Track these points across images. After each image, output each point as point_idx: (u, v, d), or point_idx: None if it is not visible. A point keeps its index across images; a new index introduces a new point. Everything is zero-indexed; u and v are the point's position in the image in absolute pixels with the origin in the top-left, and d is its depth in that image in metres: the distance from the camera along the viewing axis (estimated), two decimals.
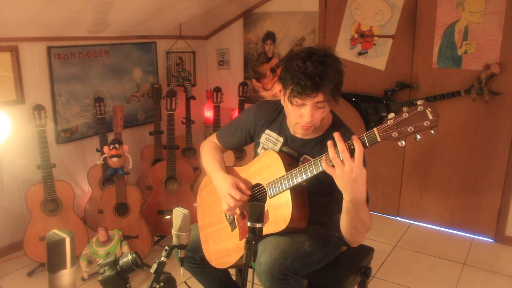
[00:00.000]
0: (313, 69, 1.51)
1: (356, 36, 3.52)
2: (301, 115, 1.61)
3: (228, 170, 1.90)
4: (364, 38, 3.49)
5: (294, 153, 1.76)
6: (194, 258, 1.92)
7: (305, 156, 1.74)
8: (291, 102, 1.60)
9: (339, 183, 1.42)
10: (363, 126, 3.53)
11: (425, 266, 2.93)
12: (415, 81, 3.32)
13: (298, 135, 1.76)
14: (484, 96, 3.05)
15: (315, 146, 1.74)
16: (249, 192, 1.75)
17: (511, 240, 3.19)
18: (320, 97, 1.54)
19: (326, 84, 1.52)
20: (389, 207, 3.65)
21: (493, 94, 3.03)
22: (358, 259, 1.97)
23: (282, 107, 1.85)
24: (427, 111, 1.30)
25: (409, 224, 3.56)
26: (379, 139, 1.37)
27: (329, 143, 1.41)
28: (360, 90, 3.55)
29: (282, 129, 1.82)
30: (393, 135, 1.35)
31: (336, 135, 1.39)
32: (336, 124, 1.77)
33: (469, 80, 3.10)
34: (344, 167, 1.37)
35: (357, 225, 1.53)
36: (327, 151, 1.49)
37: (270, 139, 1.84)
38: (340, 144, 1.38)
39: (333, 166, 1.41)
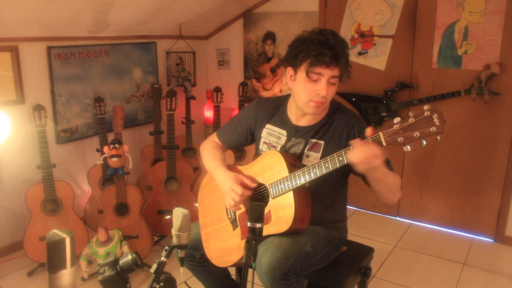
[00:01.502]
0: (333, 41, 1.61)
1: (356, 36, 3.52)
2: (316, 90, 1.63)
3: (231, 169, 1.90)
4: (364, 38, 3.49)
5: (300, 141, 1.77)
6: (194, 256, 1.92)
7: (311, 140, 1.75)
8: (308, 76, 1.63)
9: (362, 171, 1.49)
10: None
11: (425, 266, 2.93)
12: (415, 81, 3.32)
13: (302, 123, 1.77)
14: (484, 96, 3.05)
15: (320, 130, 1.75)
16: (254, 185, 1.75)
17: (511, 240, 3.19)
18: (336, 71, 1.63)
19: (342, 58, 1.62)
20: (389, 207, 3.65)
21: (493, 94, 3.03)
22: (358, 259, 1.97)
23: (281, 102, 1.87)
24: (433, 116, 1.30)
25: (409, 224, 3.56)
26: (384, 144, 1.38)
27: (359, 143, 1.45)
28: (360, 90, 3.55)
29: (284, 122, 1.83)
30: (398, 140, 1.35)
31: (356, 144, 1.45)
32: (336, 106, 1.80)
33: (469, 80, 3.10)
34: (369, 165, 1.43)
35: (389, 188, 1.64)
36: (332, 135, 1.69)
37: (272, 134, 1.84)
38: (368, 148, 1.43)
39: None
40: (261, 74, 4.09)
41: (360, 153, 1.42)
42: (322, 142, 1.73)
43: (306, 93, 1.66)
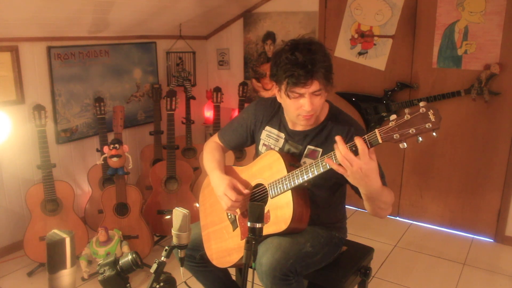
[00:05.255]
0: (303, 58, 1.53)
1: (356, 36, 3.52)
2: (301, 105, 1.62)
3: (228, 170, 1.90)
4: (364, 38, 3.49)
5: (298, 147, 1.77)
6: (194, 257, 1.92)
7: (308, 146, 1.75)
8: (288, 96, 1.61)
9: (352, 180, 1.43)
10: (363, 126, 3.53)
11: (425, 266, 2.93)
12: (415, 81, 3.32)
13: (299, 128, 1.77)
14: (484, 96, 3.05)
15: (316, 136, 1.74)
16: (246, 192, 1.75)
17: (511, 240, 3.19)
18: (316, 85, 1.56)
19: (318, 70, 1.54)
20: None
21: (493, 94, 3.03)
22: (358, 259, 1.97)
23: (280, 103, 1.86)
24: (429, 113, 1.30)
25: (409, 224, 3.56)
26: (380, 141, 1.37)
27: (335, 146, 1.41)
28: (360, 90, 3.55)
29: (282, 125, 1.83)
30: (394, 137, 1.35)
31: (338, 138, 1.40)
32: (334, 112, 1.78)
33: (469, 80, 3.10)
34: (352, 167, 1.39)
35: (380, 206, 1.55)
36: (330, 143, 1.59)
37: (271, 136, 1.85)
38: (342, 147, 1.39)
39: (340, 165, 1.42)
40: (261, 74, 4.09)
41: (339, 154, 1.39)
42: (320, 150, 1.73)
43: (292, 109, 1.66)
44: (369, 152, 1.37)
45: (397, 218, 3.65)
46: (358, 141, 1.37)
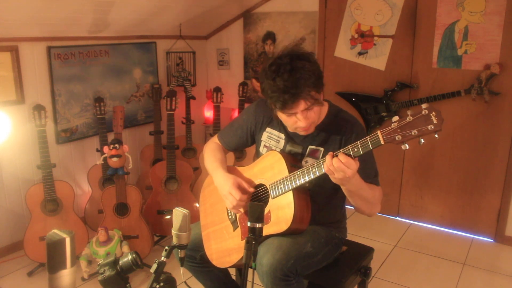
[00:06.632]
0: (284, 83, 1.52)
1: (356, 36, 3.52)
2: (296, 121, 1.63)
3: (231, 170, 1.90)
4: (364, 38, 3.49)
5: (299, 148, 1.77)
6: (194, 257, 1.92)
7: (310, 146, 1.75)
8: (281, 116, 1.64)
9: (333, 181, 1.54)
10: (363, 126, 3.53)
11: (425, 266, 2.93)
12: (415, 81, 3.32)
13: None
14: (484, 96, 3.05)
15: (317, 135, 1.75)
16: (251, 190, 1.75)
17: (511, 240, 3.19)
18: (302, 105, 1.56)
19: (303, 90, 1.52)
20: (389, 207, 3.65)
21: (493, 94, 3.03)
22: (358, 259, 1.97)
23: None
24: (431, 115, 1.30)
25: (409, 224, 3.56)
26: (382, 142, 1.38)
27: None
28: (360, 90, 3.55)
29: (282, 126, 1.83)
30: (396, 138, 1.35)
31: (328, 155, 1.48)
32: (333, 111, 1.78)
33: (469, 80, 3.10)
34: (335, 175, 1.48)
35: (364, 202, 1.65)
36: (331, 142, 1.69)
37: (272, 137, 1.85)
38: (328, 162, 1.47)
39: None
40: None
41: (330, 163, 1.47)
42: (322, 149, 1.74)
43: (289, 124, 1.67)
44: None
45: (397, 218, 3.65)
46: (343, 158, 1.44)
